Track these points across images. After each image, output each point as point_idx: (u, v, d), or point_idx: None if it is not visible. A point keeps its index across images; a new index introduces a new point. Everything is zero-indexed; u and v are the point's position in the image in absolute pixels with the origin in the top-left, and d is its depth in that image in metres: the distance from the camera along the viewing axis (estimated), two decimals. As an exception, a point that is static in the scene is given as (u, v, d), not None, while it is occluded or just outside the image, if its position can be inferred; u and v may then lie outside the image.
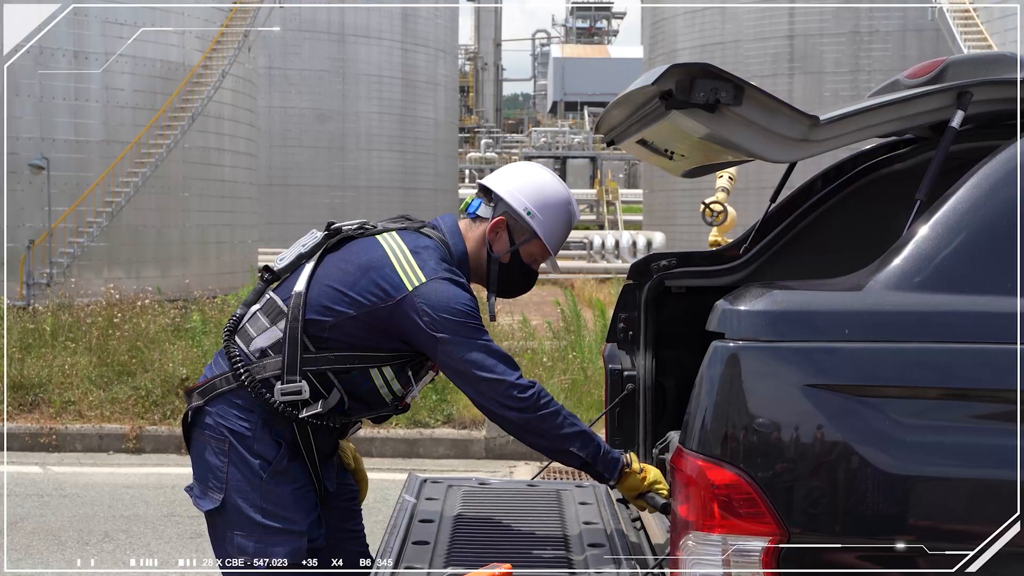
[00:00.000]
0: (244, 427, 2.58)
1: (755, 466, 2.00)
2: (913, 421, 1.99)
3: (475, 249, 2.74)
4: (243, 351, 2.61)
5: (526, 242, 2.74)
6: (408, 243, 2.63)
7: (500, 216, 2.73)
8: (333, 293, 2.56)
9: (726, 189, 8.35)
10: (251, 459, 2.57)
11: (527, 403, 2.52)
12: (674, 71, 2.17)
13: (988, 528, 1.94)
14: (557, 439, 2.57)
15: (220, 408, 2.60)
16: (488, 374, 2.52)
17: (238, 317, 2.69)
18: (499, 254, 2.74)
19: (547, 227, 2.74)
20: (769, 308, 2.06)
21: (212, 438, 2.60)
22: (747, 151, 2.31)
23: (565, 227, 2.80)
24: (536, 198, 2.73)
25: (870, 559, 2.00)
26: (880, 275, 2.07)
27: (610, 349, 3.58)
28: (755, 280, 3.35)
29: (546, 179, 2.80)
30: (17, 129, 16.15)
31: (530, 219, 2.72)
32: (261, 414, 2.58)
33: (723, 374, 2.04)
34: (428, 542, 2.84)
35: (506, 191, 2.74)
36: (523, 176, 2.79)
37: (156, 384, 8.09)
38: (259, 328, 2.61)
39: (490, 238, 2.74)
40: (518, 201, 2.72)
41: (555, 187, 2.79)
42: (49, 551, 5.27)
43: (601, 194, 36.61)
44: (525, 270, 2.81)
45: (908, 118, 2.43)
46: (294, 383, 2.53)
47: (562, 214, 2.77)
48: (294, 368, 2.53)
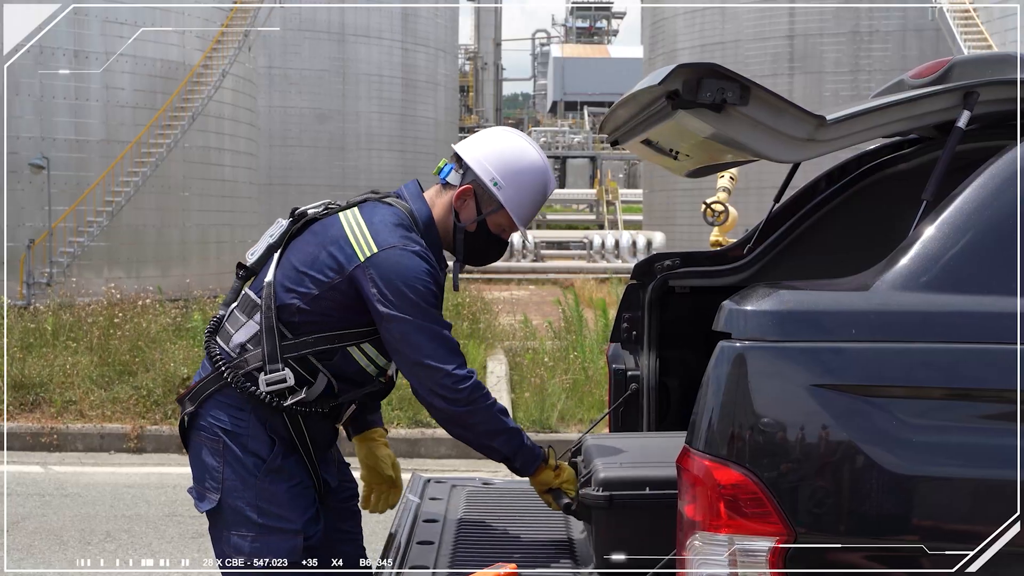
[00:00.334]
0: (237, 425, 2.57)
1: (762, 466, 2.00)
2: (920, 421, 1.99)
3: (442, 216, 2.66)
4: (224, 349, 2.61)
5: (493, 212, 2.64)
6: (365, 215, 2.58)
7: (467, 184, 2.63)
8: (296, 275, 2.55)
9: (727, 189, 8.35)
10: (245, 457, 2.56)
11: (459, 395, 2.48)
12: (681, 71, 2.17)
13: (995, 529, 1.94)
14: (482, 434, 2.56)
15: (212, 409, 2.59)
16: (426, 360, 2.47)
17: (219, 318, 2.69)
18: (465, 223, 2.65)
19: (515, 199, 2.62)
20: (776, 308, 2.06)
21: (207, 439, 2.59)
22: (753, 151, 2.31)
23: (536, 199, 2.67)
24: (505, 168, 2.61)
25: (877, 559, 2.00)
26: (887, 275, 2.07)
27: (614, 349, 3.59)
28: (759, 280, 3.35)
29: (519, 147, 2.66)
30: (17, 128, 16.14)
31: (497, 190, 2.60)
32: (252, 410, 2.56)
33: (729, 374, 2.04)
34: (432, 542, 2.84)
35: (474, 159, 2.63)
36: (495, 144, 2.66)
37: (157, 384, 8.09)
38: (237, 324, 2.60)
39: (456, 206, 2.64)
40: (485, 171, 2.61)
41: (528, 157, 2.65)
42: (51, 551, 5.27)
43: (601, 194, 36.60)
44: (493, 239, 2.70)
45: (914, 118, 2.42)
46: (277, 372, 2.51)
47: (533, 186, 2.65)
48: (275, 357, 2.51)
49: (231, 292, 2.70)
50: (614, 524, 2.40)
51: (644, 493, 2.38)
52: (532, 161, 2.65)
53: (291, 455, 2.61)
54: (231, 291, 2.70)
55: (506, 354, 9.53)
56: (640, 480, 2.41)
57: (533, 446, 2.62)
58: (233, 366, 2.56)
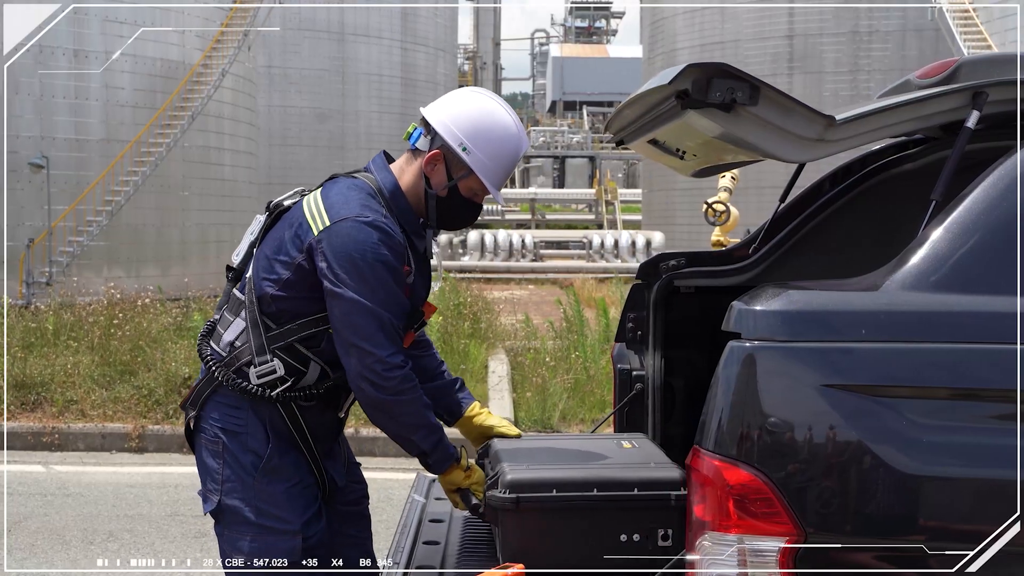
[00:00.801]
0: (236, 424, 2.57)
1: (771, 466, 2.00)
2: (929, 421, 1.99)
3: (413, 182, 2.59)
4: (215, 350, 2.62)
5: (464, 177, 2.57)
6: (324, 192, 2.56)
7: (436, 150, 2.55)
8: (268, 264, 2.55)
9: (729, 189, 8.33)
10: (244, 457, 2.55)
11: (388, 383, 2.42)
12: (690, 71, 2.17)
13: (1006, 529, 1.94)
14: (404, 426, 2.51)
15: (211, 411, 2.60)
16: (361, 342, 2.41)
17: (212, 322, 2.70)
18: (436, 189, 2.58)
19: (485, 163, 2.55)
20: (785, 308, 2.06)
21: (208, 441, 2.60)
22: (762, 151, 2.31)
23: (507, 162, 2.59)
24: (474, 131, 2.54)
25: (886, 559, 2.00)
26: (896, 275, 2.07)
27: (619, 349, 3.58)
28: (764, 280, 3.35)
29: (487, 109, 2.57)
30: (17, 128, 16.13)
31: (466, 155, 2.53)
32: (250, 407, 2.56)
33: (739, 374, 2.05)
34: (439, 542, 2.84)
35: (441, 123, 2.55)
36: (461, 106, 2.58)
37: (159, 383, 8.09)
38: (226, 324, 2.61)
39: (426, 171, 2.57)
40: (453, 135, 2.54)
41: (496, 118, 2.56)
42: (54, 550, 5.26)
43: (600, 194, 36.59)
44: (466, 203, 2.62)
45: (923, 118, 2.43)
46: (266, 364, 2.51)
47: (503, 148, 2.56)
48: (263, 349, 2.51)
49: (223, 295, 2.70)
50: (520, 527, 2.35)
51: (551, 495, 2.34)
52: (501, 123, 2.57)
53: (290, 452, 2.59)
54: (223, 294, 2.70)
55: (507, 354, 9.53)
56: (547, 482, 2.37)
57: (448, 445, 2.58)
58: (224, 364, 2.56)
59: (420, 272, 2.63)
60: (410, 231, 2.58)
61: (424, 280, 2.68)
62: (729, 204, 8.45)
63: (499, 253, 25.44)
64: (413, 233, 2.59)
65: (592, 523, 2.36)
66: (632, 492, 2.36)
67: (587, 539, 2.36)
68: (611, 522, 2.36)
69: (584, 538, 2.36)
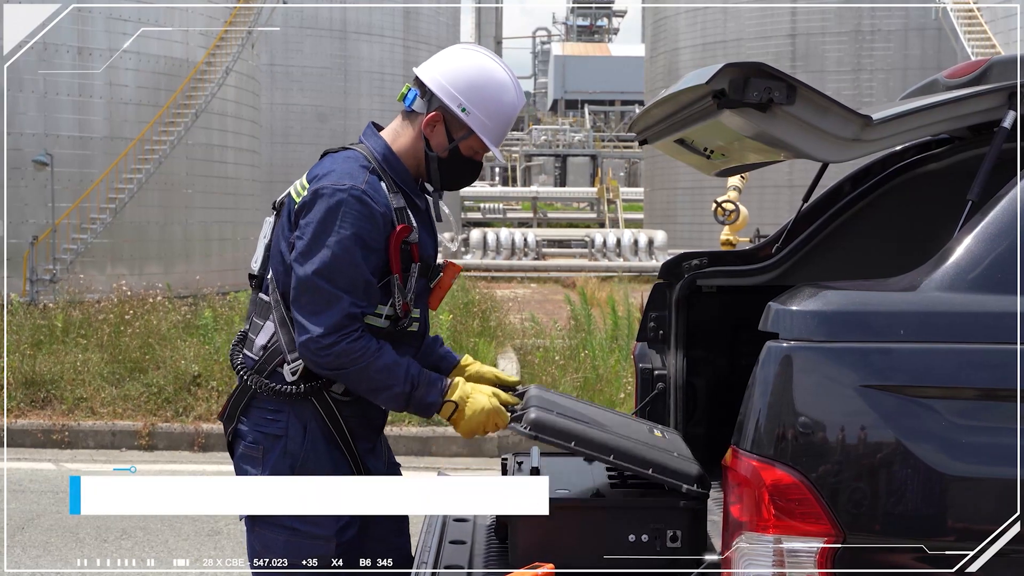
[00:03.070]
0: (275, 428, 2.54)
1: (809, 466, 2.00)
2: (969, 422, 1.99)
3: (411, 144, 2.57)
4: (247, 357, 2.60)
5: (464, 138, 2.55)
6: (312, 168, 2.55)
7: (434, 111, 2.53)
8: (281, 258, 2.53)
9: (738, 188, 8.34)
10: (282, 462, 2.53)
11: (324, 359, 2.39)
12: (728, 70, 2.17)
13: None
14: (365, 392, 2.48)
15: (250, 419, 2.58)
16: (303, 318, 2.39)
17: (243, 332, 2.67)
18: (437, 151, 2.56)
19: (485, 123, 2.53)
20: (823, 308, 2.06)
21: (248, 448, 2.57)
22: (798, 151, 2.31)
23: (506, 120, 2.58)
24: (471, 90, 2.51)
25: (926, 559, 1.99)
26: (935, 275, 2.06)
27: (640, 348, 3.58)
28: (786, 280, 3.35)
29: (482, 66, 2.56)
30: (21, 125, 16.13)
31: (465, 116, 2.51)
32: (289, 410, 2.53)
33: (777, 374, 2.04)
34: (465, 541, 2.84)
35: (438, 85, 2.52)
36: (457, 66, 2.55)
37: (168, 381, 8.08)
38: (257, 330, 2.58)
39: (426, 133, 2.54)
40: (451, 96, 2.51)
41: (492, 75, 2.55)
42: (67, 548, 5.26)
43: (602, 192, 36.59)
44: (466, 162, 2.61)
45: (959, 118, 2.42)
46: (295, 360, 2.48)
47: (502, 107, 2.55)
48: (293, 346, 2.48)
49: (250, 304, 2.67)
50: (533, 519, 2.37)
51: (569, 446, 2.38)
52: (498, 80, 2.56)
53: (331, 453, 2.56)
54: (250, 303, 2.68)
55: (516, 352, 9.53)
56: (568, 432, 2.40)
57: (423, 396, 2.49)
58: (256, 370, 2.54)
59: (425, 230, 2.61)
60: (408, 191, 2.56)
61: (431, 237, 2.66)
62: (738, 203, 8.46)
63: (501, 252, 25.44)
64: (412, 193, 2.58)
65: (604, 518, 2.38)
66: (647, 471, 2.37)
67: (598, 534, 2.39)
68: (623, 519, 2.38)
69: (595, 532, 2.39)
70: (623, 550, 2.38)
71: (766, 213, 17.87)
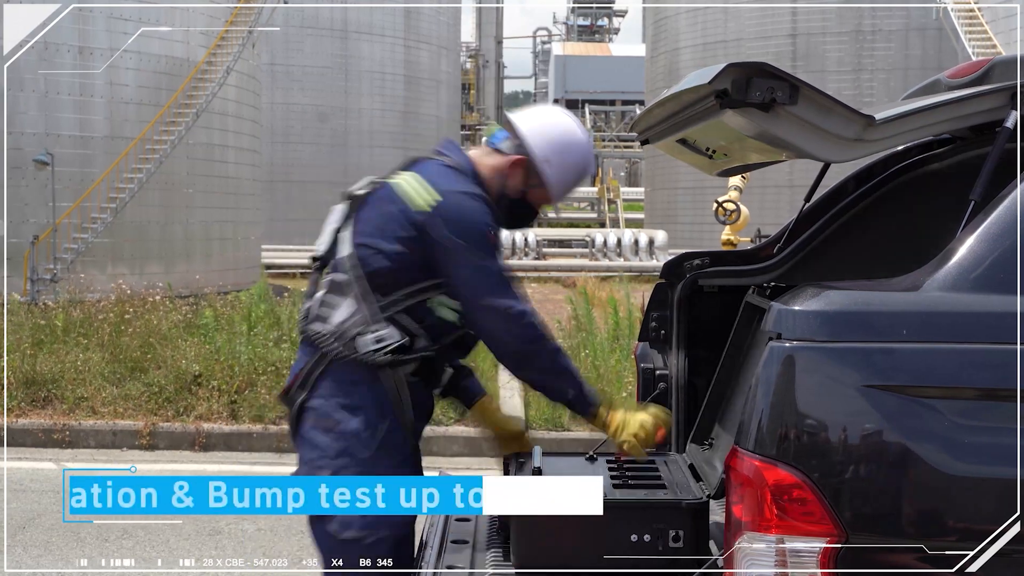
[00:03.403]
0: (352, 399, 2.59)
1: (812, 466, 2.00)
2: (972, 422, 1.99)
3: (489, 175, 2.74)
4: (324, 330, 2.64)
5: (536, 187, 2.76)
6: (418, 171, 2.68)
7: (521, 156, 2.73)
8: (372, 241, 2.61)
9: (739, 188, 8.35)
10: (362, 431, 2.57)
11: (526, 331, 2.57)
12: (731, 70, 2.17)
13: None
14: (546, 373, 2.64)
15: (323, 389, 2.62)
16: (494, 300, 2.56)
17: (307, 309, 2.73)
18: (510, 191, 2.75)
19: (560, 178, 2.75)
20: (825, 308, 2.06)
21: (319, 418, 2.60)
22: (800, 151, 2.31)
23: (575, 181, 2.81)
24: (556, 147, 2.73)
25: (929, 560, 2.00)
26: (937, 275, 2.06)
27: (642, 348, 3.58)
28: (788, 280, 3.35)
29: (570, 128, 2.77)
30: (22, 124, 16.14)
31: (547, 168, 2.72)
32: (364, 380, 2.59)
33: (779, 374, 2.04)
34: (467, 541, 2.84)
35: (532, 133, 2.73)
36: (549, 121, 2.77)
37: (169, 381, 8.08)
38: (333, 307, 2.64)
39: (506, 173, 2.74)
40: (541, 148, 2.72)
41: (577, 139, 2.77)
42: (69, 547, 5.26)
43: (602, 192, 36.60)
44: (529, 208, 2.83)
45: (962, 118, 2.42)
46: (379, 331, 2.57)
47: (577, 168, 2.78)
48: (375, 317, 2.57)
49: (311, 284, 2.76)
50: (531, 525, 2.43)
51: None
52: (580, 143, 2.76)
53: (399, 430, 2.62)
54: (311, 283, 2.76)
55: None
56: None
57: (589, 392, 2.68)
58: (337, 338, 2.60)
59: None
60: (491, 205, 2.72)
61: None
62: (739, 203, 8.46)
63: (502, 251, 25.43)
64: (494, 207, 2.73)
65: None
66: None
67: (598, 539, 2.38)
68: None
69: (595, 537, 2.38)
70: (625, 550, 2.38)
71: (767, 213, 17.87)
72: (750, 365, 2.86)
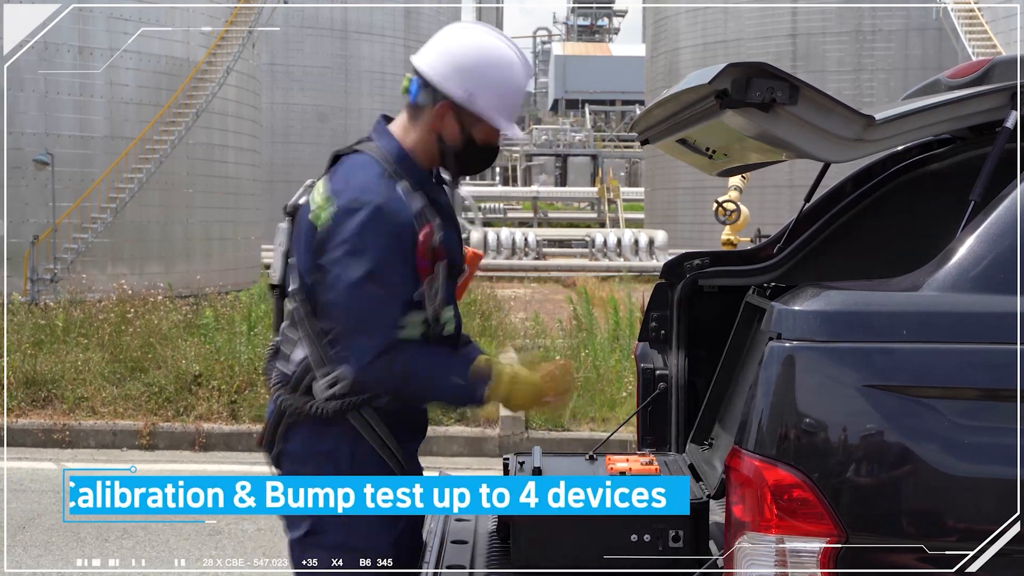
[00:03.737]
0: (321, 447, 2.42)
1: (812, 466, 2.00)
2: (972, 422, 1.99)
3: (423, 140, 2.42)
4: (281, 372, 2.47)
5: (477, 123, 2.40)
6: (327, 180, 2.42)
7: (441, 103, 2.37)
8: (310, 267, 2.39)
9: (739, 188, 8.35)
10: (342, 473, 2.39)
11: (373, 373, 2.30)
12: (731, 70, 2.16)
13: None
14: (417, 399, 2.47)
15: (295, 440, 2.45)
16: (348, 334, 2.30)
17: (275, 344, 2.54)
18: (451, 143, 2.41)
19: (494, 104, 2.37)
20: (825, 308, 2.06)
21: (297, 465, 2.45)
22: (800, 151, 2.31)
23: (516, 98, 2.42)
24: (476, 76, 2.35)
25: (929, 560, 2.00)
26: (937, 275, 2.06)
27: (642, 348, 3.58)
28: (788, 280, 3.35)
29: (483, 46, 2.39)
30: (22, 124, 16.14)
31: (474, 103, 2.36)
32: (335, 421, 2.40)
33: (779, 374, 2.04)
34: (467, 541, 2.84)
35: (439, 74, 2.36)
36: (456, 50, 2.38)
37: (169, 381, 8.08)
38: (292, 343, 2.45)
39: (437, 128, 2.40)
40: (456, 85, 2.35)
41: (496, 55, 2.38)
42: (68, 547, 5.27)
43: (602, 192, 36.59)
44: (483, 149, 2.46)
45: (961, 118, 2.42)
46: (330, 371, 2.35)
47: (510, 86, 2.40)
48: (321, 361, 2.37)
49: (274, 315, 2.56)
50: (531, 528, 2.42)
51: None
52: (502, 58, 2.39)
53: (379, 470, 2.43)
54: (274, 314, 2.56)
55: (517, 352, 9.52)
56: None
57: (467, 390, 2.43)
58: (291, 387, 2.42)
59: (448, 224, 2.49)
60: (426, 189, 2.44)
61: (455, 231, 2.54)
62: (739, 203, 8.46)
63: (502, 251, 25.45)
64: (432, 190, 2.46)
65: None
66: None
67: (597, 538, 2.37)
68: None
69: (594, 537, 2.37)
70: (625, 550, 2.38)
71: (767, 213, 17.87)
72: (750, 365, 2.86)
